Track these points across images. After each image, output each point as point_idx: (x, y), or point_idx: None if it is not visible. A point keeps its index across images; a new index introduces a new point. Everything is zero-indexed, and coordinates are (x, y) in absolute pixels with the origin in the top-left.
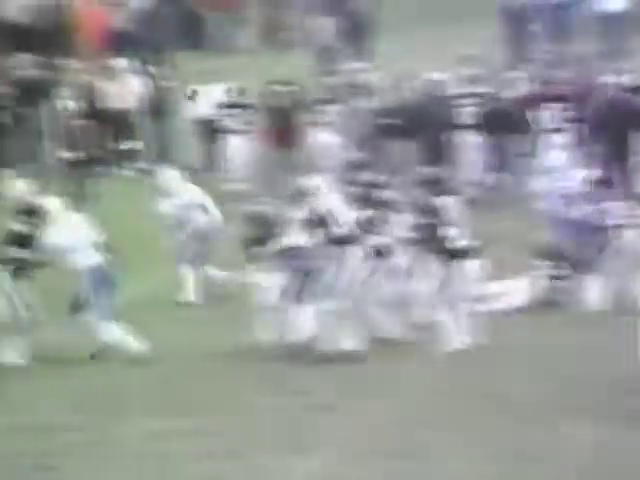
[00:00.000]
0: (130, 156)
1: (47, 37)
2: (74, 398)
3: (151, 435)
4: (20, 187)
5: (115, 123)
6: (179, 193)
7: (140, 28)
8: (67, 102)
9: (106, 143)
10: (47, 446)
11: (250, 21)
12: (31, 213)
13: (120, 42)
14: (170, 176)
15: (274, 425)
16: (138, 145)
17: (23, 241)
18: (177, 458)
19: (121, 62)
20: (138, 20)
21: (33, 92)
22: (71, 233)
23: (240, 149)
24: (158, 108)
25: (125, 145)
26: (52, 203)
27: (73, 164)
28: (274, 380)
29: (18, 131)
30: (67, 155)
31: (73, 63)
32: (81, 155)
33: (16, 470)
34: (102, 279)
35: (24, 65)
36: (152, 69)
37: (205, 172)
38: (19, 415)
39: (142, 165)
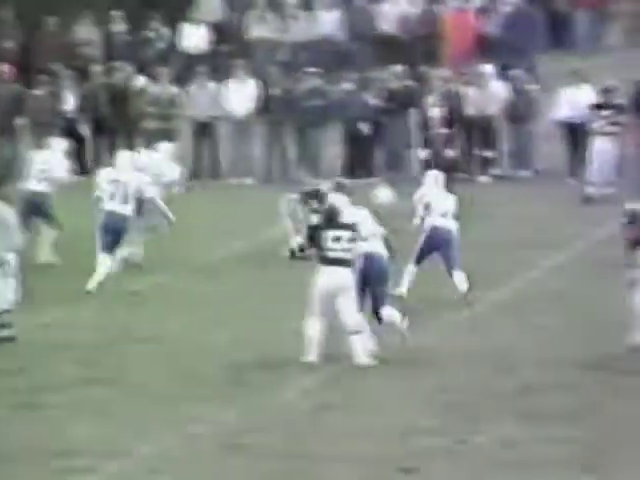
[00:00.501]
0: (488, 162)
1: (415, 46)
2: (431, 400)
3: (507, 442)
4: (386, 195)
5: (479, 129)
6: None
7: (507, 32)
8: (432, 110)
9: (469, 149)
10: (408, 449)
11: (616, 18)
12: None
13: (487, 47)
14: None
15: (637, 441)
16: (494, 152)
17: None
18: (533, 466)
19: (487, 68)
20: (506, 24)
21: (401, 102)
22: None
23: (606, 152)
24: (519, 113)
25: (486, 152)
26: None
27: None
28: (635, 390)
29: (381, 140)
30: (424, 158)
31: (439, 71)
32: (442, 158)
33: (381, 472)
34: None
35: (395, 76)
36: (515, 73)
37: (570, 176)
38: (377, 417)
39: (498, 171)
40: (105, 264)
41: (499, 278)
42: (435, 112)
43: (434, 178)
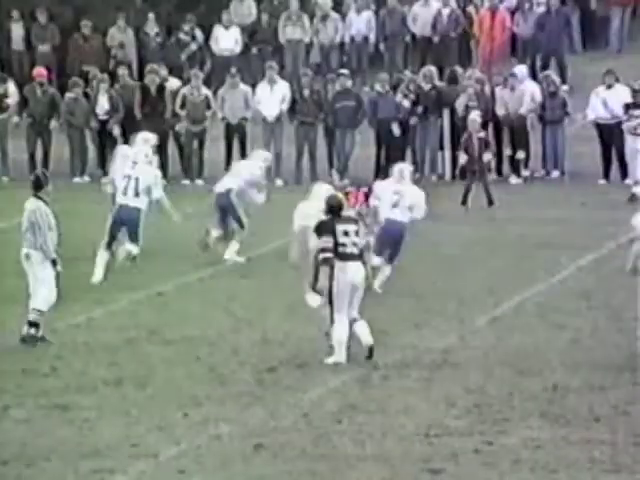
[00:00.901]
0: (519, 163)
1: (447, 47)
2: (457, 402)
3: (533, 443)
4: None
5: (510, 130)
6: None
7: (539, 32)
8: (472, 113)
9: (499, 150)
10: (435, 450)
11: None
12: None
13: (519, 48)
14: None
15: None
16: (523, 153)
17: None
18: (559, 468)
19: (520, 69)
20: (539, 24)
21: (432, 103)
22: None
23: (637, 151)
24: (550, 114)
25: (518, 153)
26: None
27: (471, 172)
28: None
29: (412, 141)
30: (464, 162)
31: (473, 71)
32: (478, 162)
33: (407, 473)
34: None
35: (425, 77)
36: (547, 74)
37: (602, 178)
38: (402, 418)
39: (527, 173)
40: (103, 258)
41: (526, 279)
42: (475, 115)
43: (399, 171)
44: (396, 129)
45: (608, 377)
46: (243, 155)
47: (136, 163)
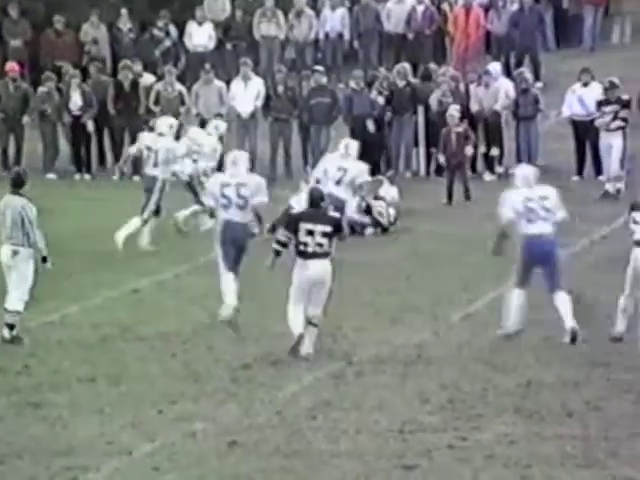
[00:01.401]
0: (493, 160)
1: (421, 44)
2: (431, 397)
3: (507, 439)
4: (390, 193)
5: (485, 127)
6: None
7: (513, 30)
8: (440, 107)
9: (476, 147)
10: (409, 446)
11: (624, 15)
12: None
13: (495, 45)
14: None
15: (637, 434)
16: (497, 150)
17: None
18: (532, 463)
19: (495, 66)
20: (512, 22)
21: (406, 100)
22: None
23: (611, 147)
24: (524, 111)
25: (492, 150)
26: None
27: (451, 166)
28: (637, 390)
29: (387, 138)
30: (443, 161)
31: (447, 68)
32: (458, 156)
33: (381, 469)
34: None
35: (399, 74)
36: (520, 71)
37: (576, 175)
38: (377, 414)
39: (502, 170)
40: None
41: (499, 275)
42: (453, 110)
43: (345, 147)
44: (371, 126)
45: (581, 373)
46: None
47: (162, 135)
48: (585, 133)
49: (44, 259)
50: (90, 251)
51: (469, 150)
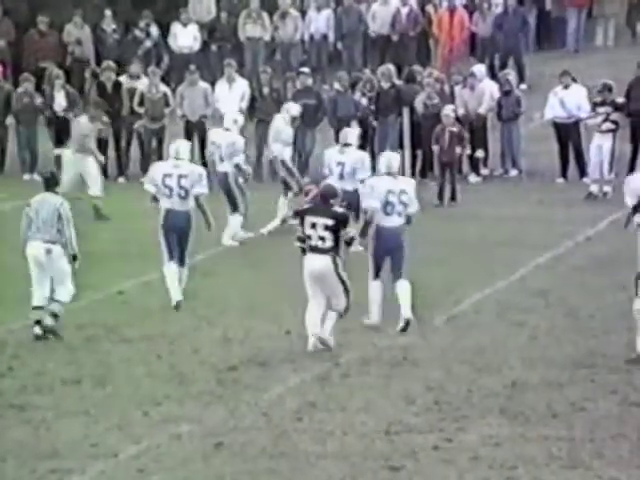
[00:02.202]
0: (477, 162)
1: (406, 46)
2: (417, 399)
3: (492, 440)
4: None
5: (470, 129)
6: None
7: (497, 32)
8: (425, 109)
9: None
10: (394, 447)
11: (607, 17)
12: None
13: (480, 47)
14: None
15: (622, 436)
16: (482, 152)
17: None
18: (517, 464)
19: (480, 68)
20: (496, 24)
21: (390, 101)
22: None
23: (602, 149)
24: (507, 112)
25: (477, 152)
26: None
27: (441, 165)
28: (622, 391)
29: (369, 140)
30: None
31: (431, 70)
32: (448, 156)
33: (367, 470)
34: None
35: (387, 75)
36: (504, 73)
37: (559, 176)
38: (363, 415)
39: (486, 172)
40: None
41: (484, 277)
42: (449, 110)
43: (344, 136)
44: (355, 127)
45: (565, 374)
46: (203, 153)
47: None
48: (567, 135)
49: (74, 257)
50: None
51: (459, 150)
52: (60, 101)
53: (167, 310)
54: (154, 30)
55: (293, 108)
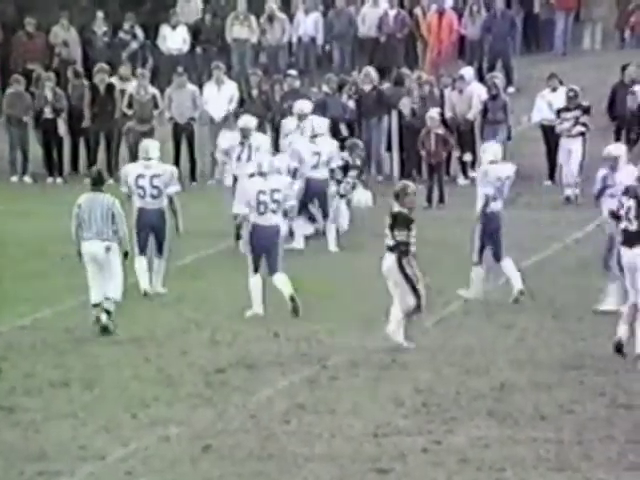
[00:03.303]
0: (466, 164)
1: (394, 48)
2: (405, 401)
3: (481, 442)
4: (363, 197)
5: (459, 132)
6: None
7: (485, 35)
8: (412, 112)
9: (450, 151)
10: (383, 449)
11: (595, 21)
12: None
13: (468, 50)
14: None
15: (610, 438)
16: (470, 155)
17: None
18: (506, 466)
19: (468, 70)
20: (484, 27)
21: (374, 103)
22: None
23: (571, 152)
24: (495, 115)
25: (465, 155)
26: None
27: (429, 168)
28: (610, 393)
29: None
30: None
31: (418, 73)
32: (435, 158)
33: (356, 472)
34: None
35: (370, 78)
36: (492, 75)
37: (547, 179)
38: (351, 418)
39: (475, 174)
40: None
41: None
42: (434, 112)
43: (310, 127)
44: (343, 130)
45: (553, 376)
46: (192, 155)
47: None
48: (555, 138)
49: (126, 254)
50: (64, 255)
51: (444, 154)
52: (47, 103)
53: (155, 312)
54: (139, 32)
55: (305, 105)
